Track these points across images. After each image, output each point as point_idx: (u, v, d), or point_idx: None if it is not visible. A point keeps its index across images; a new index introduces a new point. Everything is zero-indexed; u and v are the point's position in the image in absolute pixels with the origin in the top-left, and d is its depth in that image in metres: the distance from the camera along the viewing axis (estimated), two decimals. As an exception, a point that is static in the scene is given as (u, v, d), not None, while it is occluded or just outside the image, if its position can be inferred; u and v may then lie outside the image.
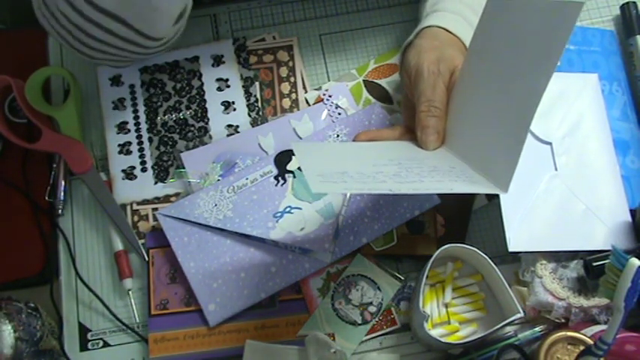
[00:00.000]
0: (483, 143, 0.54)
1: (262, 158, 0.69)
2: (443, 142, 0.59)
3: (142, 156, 0.71)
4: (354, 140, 0.63)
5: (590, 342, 0.55)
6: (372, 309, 0.65)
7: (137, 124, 0.73)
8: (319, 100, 0.73)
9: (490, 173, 0.52)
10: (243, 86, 0.74)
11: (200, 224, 0.66)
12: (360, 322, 0.64)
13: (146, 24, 0.60)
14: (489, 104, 0.54)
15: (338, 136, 0.70)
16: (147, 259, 0.67)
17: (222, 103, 0.73)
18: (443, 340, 0.58)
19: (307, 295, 0.65)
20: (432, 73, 0.58)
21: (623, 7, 0.77)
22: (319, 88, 0.74)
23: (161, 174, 0.71)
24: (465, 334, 0.63)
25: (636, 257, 0.47)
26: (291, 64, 0.75)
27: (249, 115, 0.73)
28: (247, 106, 0.73)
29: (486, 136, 0.53)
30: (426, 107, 0.58)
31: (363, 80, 0.74)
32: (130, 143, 0.72)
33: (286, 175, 0.68)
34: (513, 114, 0.50)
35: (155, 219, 0.68)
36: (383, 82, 0.74)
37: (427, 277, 0.61)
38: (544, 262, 0.63)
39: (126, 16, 0.58)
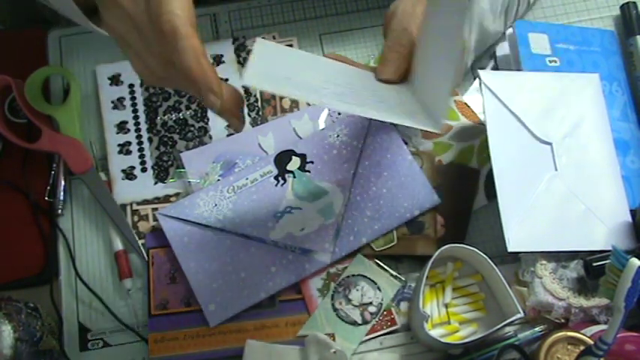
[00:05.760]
0: (429, 86, 0.55)
1: (262, 158, 0.69)
2: (404, 81, 0.60)
3: (141, 156, 0.71)
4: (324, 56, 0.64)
5: (590, 342, 0.55)
6: (372, 309, 0.65)
7: (137, 123, 0.73)
8: (319, 100, 0.73)
9: (429, 112, 0.53)
10: (243, 86, 0.74)
11: (200, 224, 0.66)
12: (360, 322, 0.64)
13: None
14: (434, 50, 0.55)
15: (338, 136, 0.70)
16: (147, 259, 0.67)
17: (222, 103, 0.73)
18: (443, 340, 0.58)
19: (307, 295, 0.65)
20: (406, 13, 0.59)
21: (623, 7, 0.77)
22: (319, 88, 0.74)
23: (161, 174, 0.71)
24: (465, 334, 0.63)
25: (636, 257, 0.47)
26: (291, 64, 0.75)
27: (249, 115, 0.73)
28: (247, 106, 0.73)
29: (431, 79, 0.55)
30: (392, 42, 0.59)
31: (363, 80, 0.74)
32: (129, 143, 0.72)
33: (286, 175, 0.68)
34: (445, 58, 0.51)
35: (155, 219, 0.68)
36: (383, 82, 0.74)
37: (427, 277, 0.61)
38: (544, 262, 0.63)
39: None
